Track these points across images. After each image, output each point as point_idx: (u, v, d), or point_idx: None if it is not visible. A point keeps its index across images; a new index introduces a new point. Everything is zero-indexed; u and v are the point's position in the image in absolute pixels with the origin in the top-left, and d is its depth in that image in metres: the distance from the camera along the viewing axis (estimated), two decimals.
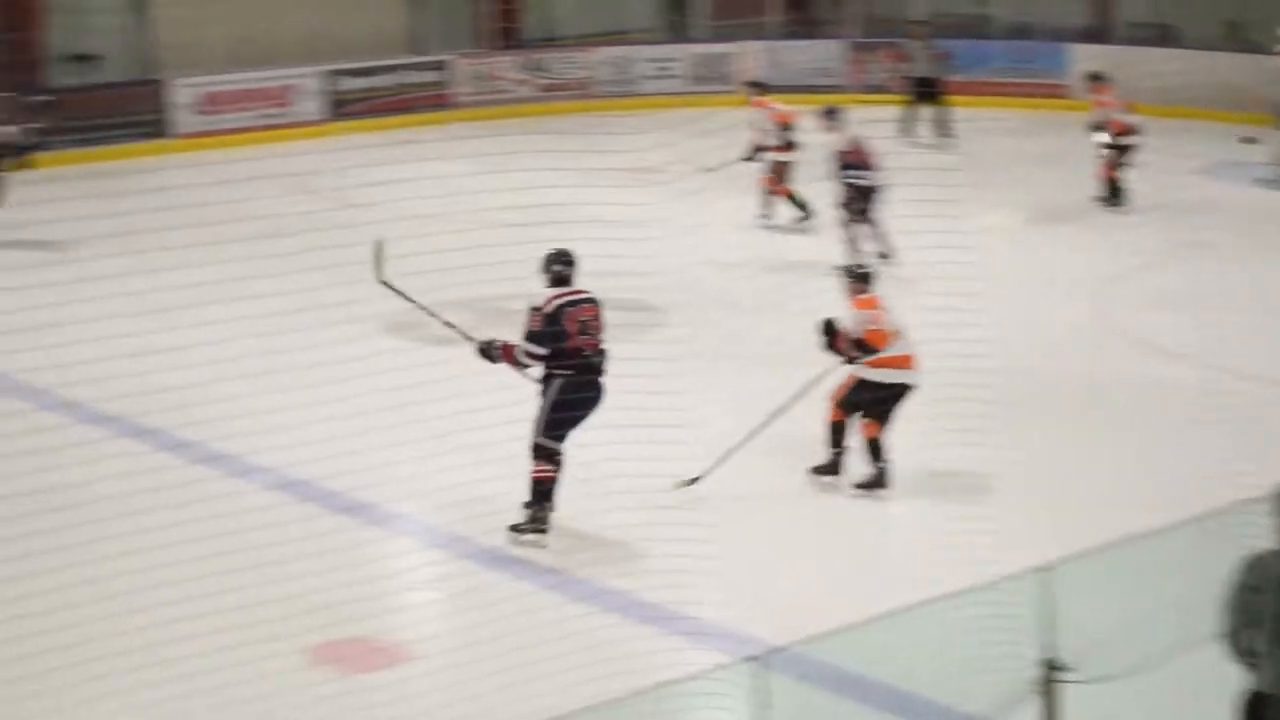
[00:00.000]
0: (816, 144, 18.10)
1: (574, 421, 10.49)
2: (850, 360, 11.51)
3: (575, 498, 10.35)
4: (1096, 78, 21.28)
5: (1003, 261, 16.90)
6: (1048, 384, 13.51)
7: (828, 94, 28.71)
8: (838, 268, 12.50)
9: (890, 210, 16.73)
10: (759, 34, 30.38)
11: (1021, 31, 29.48)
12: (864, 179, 17.07)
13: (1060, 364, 14.10)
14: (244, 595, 9.00)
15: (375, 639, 9.10)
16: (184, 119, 25.58)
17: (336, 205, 18.58)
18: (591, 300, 10.74)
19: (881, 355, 11.52)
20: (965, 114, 25.59)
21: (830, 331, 11.47)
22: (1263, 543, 7.14)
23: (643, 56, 29.80)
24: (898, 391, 11.51)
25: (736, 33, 30.16)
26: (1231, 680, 7.06)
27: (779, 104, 20.10)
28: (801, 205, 19.35)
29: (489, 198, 13.47)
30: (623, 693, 7.22)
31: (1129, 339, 15.22)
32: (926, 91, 25.93)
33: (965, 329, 13.10)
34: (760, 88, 20.80)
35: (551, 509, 10.34)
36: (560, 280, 10.74)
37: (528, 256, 12.44)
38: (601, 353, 10.62)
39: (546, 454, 10.43)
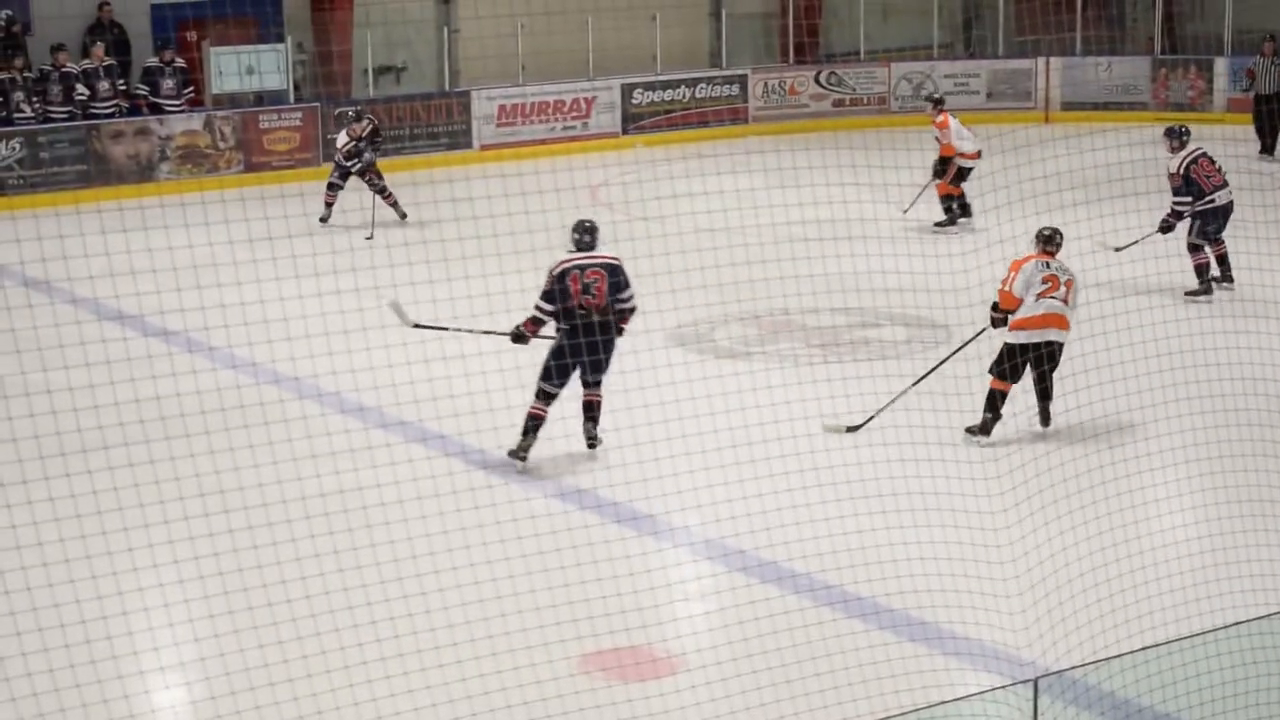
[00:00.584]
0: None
1: (566, 370, 12.00)
2: (994, 325, 12.54)
3: (857, 514, 10.32)
4: None
5: None
6: None
7: (1130, 112, 28.37)
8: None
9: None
10: (1060, 50, 30.00)
11: None
12: (1212, 200, 16.92)
13: None
14: (521, 601, 9.17)
15: (648, 649, 9.17)
16: (484, 130, 26.12)
17: (629, 217, 18.86)
18: (603, 266, 11.99)
19: (1016, 317, 12.33)
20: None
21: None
22: None
23: (940, 72, 29.63)
24: (1031, 350, 12.21)
25: (1036, 49, 29.81)
26: None
27: (955, 120, 20.62)
28: (963, 209, 20.35)
29: (782, 212, 13.51)
30: (894, 710, 7.20)
31: None
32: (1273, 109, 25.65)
33: (1260, 351, 12.84)
34: (938, 103, 21.06)
35: (533, 442, 11.97)
36: (581, 246, 12.07)
37: (820, 272, 12.51)
38: (604, 311, 11.90)
39: (542, 395, 12.00)
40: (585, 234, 12.09)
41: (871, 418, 12.06)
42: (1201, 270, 16.87)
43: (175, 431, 10.45)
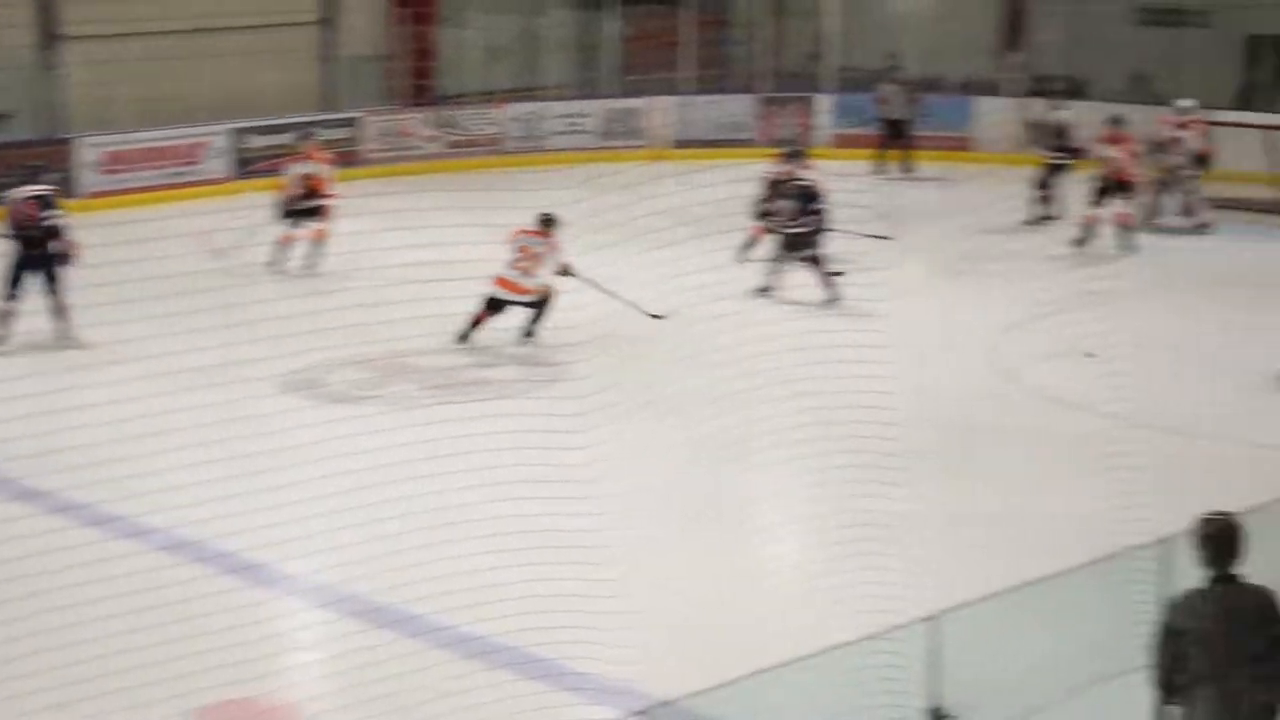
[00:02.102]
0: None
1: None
2: None
3: (473, 554, 10.30)
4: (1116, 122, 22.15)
5: (905, 312, 17.01)
6: (945, 434, 13.57)
7: (740, 148, 29.01)
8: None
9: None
10: (670, 89, 30.51)
11: (930, 85, 29.67)
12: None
13: (958, 414, 14.18)
14: (131, 658, 8.91)
15: (265, 699, 9.01)
16: (90, 178, 25.42)
17: (239, 263, 18.54)
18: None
19: None
20: (870, 167, 25.84)
21: None
22: (1154, 587, 7.22)
23: (553, 113, 29.87)
24: None
25: (647, 88, 30.28)
26: None
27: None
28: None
29: (396, 255, 13.43)
30: None
31: (1025, 388, 15.33)
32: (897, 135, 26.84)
33: (870, 380, 13.21)
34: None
35: None
36: None
37: (436, 313, 12.46)
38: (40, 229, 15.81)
39: None
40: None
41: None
42: None
43: None
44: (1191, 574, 7.02)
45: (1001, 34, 31.02)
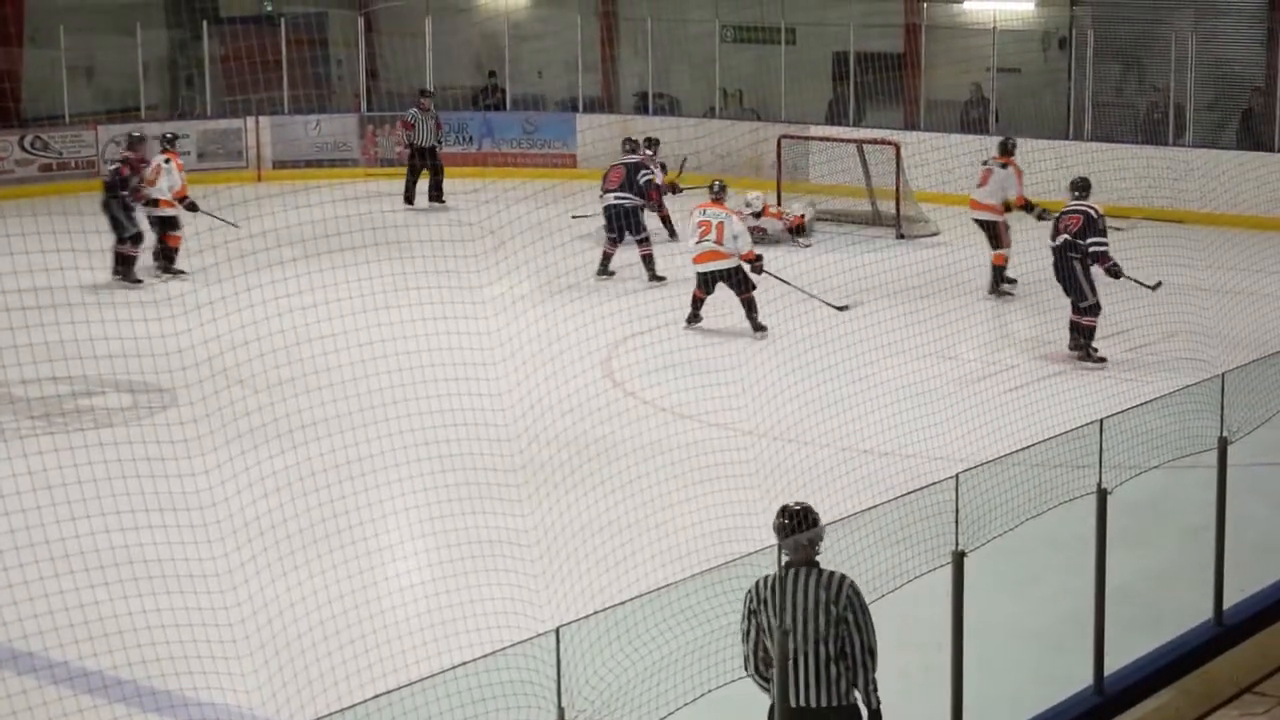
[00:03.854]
0: None
1: None
2: None
3: (82, 587, 10.00)
4: None
5: (513, 328, 17.08)
6: (562, 447, 13.67)
7: (342, 168, 28.85)
8: None
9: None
10: (268, 109, 30.16)
11: (532, 103, 30.00)
12: None
13: (574, 427, 14.30)
14: None
15: None
16: None
17: None
18: None
19: None
20: (476, 184, 25.89)
21: None
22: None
23: (150, 133, 29.21)
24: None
25: (245, 108, 29.86)
26: None
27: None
28: None
29: None
30: None
31: (637, 400, 15.56)
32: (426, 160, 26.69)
33: (480, 398, 13.25)
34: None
35: None
36: None
37: (31, 341, 12.07)
38: None
39: None
40: None
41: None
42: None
43: None
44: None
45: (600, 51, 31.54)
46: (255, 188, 28.20)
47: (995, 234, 20.70)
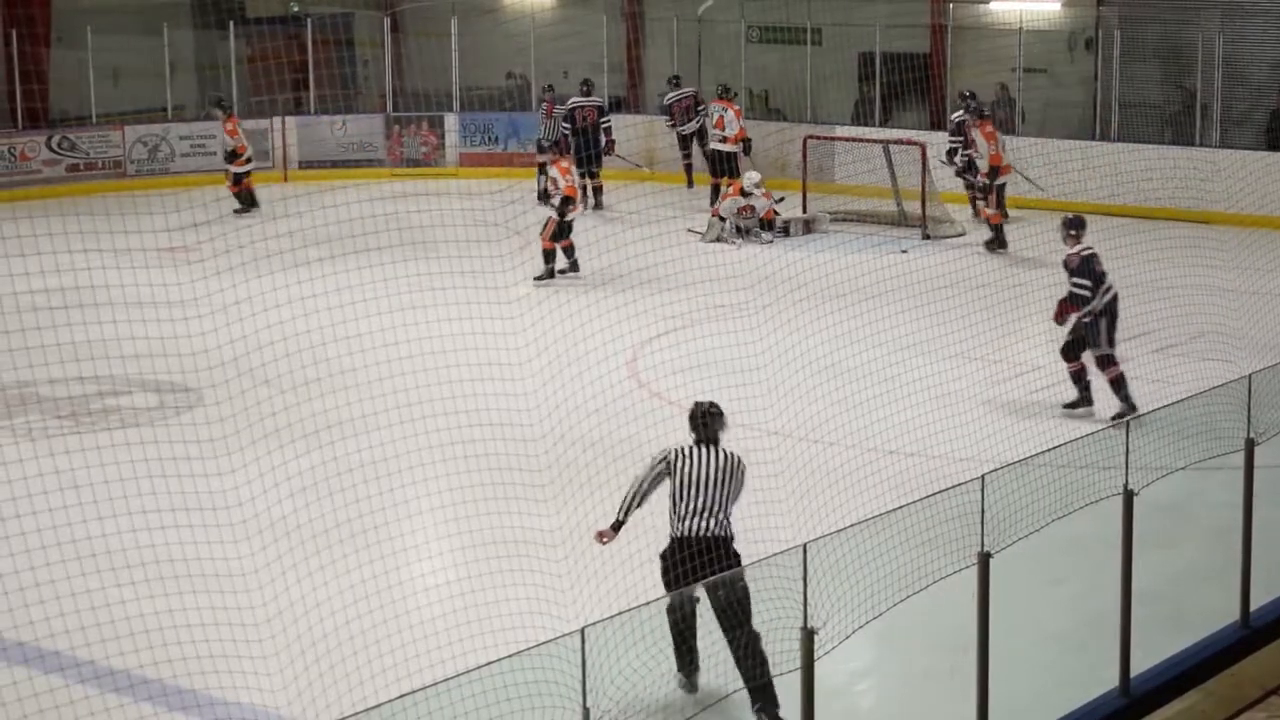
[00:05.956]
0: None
1: None
2: None
3: (109, 586, 10.03)
4: None
5: (539, 329, 17.09)
6: (587, 448, 13.66)
7: (368, 168, 28.92)
8: None
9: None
10: (294, 109, 30.21)
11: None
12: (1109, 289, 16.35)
13: (599, 428, 14.29)
14: None
15: None
16: None
17: None
18: None
19: None
20: (500, 184, 25.90)
21: None
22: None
23: (177, 134, 29.30)
24: None
25: (272, 108, 29.90)
26: None
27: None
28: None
29: (15, 282, 13.02)
30: None
31: (662, 400, 15.55)
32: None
33: (507, 398, 13.26)
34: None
35: None
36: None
37: (60, 341, 12.10)
38: None
39: None
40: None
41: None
42: (1080, 377, 16.02)
43: None
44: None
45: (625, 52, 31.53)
46: (281, 188, 28.25)
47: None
